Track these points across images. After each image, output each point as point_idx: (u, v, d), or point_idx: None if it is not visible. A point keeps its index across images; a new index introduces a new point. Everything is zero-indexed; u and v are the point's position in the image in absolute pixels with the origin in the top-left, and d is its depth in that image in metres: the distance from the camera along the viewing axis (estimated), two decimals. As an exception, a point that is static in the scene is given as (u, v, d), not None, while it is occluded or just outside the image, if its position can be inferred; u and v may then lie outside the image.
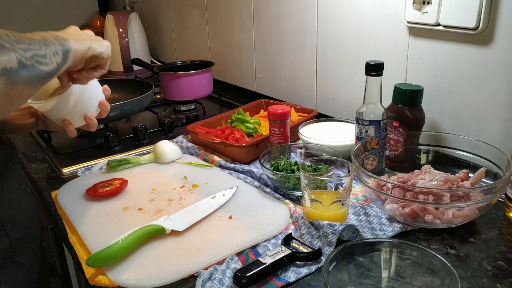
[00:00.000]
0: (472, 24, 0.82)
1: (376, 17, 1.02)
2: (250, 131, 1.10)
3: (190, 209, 0.80)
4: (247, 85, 1.53)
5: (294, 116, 1.16)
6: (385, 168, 0.92)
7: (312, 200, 0.74)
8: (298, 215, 0.75)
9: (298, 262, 0.67)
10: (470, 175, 0.81)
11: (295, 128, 1.05)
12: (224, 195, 0.85)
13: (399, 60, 0.99)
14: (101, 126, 1.27)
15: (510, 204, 0.76)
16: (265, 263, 0.64)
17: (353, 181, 0.79)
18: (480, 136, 0.86)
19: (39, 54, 0.55)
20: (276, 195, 0.85)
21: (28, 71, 0.53)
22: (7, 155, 0.72)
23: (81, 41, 0.64)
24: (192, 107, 1.45)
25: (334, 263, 0.60)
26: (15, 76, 0.51)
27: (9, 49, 0.50)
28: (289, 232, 0.74)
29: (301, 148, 0.97)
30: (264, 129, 1.12)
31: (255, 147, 1.00)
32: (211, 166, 0.99)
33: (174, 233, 0.74)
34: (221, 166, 0.99)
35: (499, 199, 0.75)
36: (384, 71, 0.86)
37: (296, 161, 0.92)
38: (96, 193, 0.86)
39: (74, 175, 0.99)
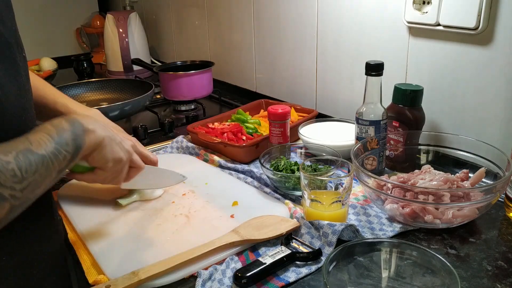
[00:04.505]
0: (472, 24, 0.82)
1: (376, 17, 1.02)
2: (250, 131, 1.10)
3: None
4: (247, 85, 1.53)
5: (294, 116, 1.16)
6: (385, 168, 0.92)
7: (312, 200, 0.74)
8: (298, 215, 0.75)
9: (298, 262, 0.67)
10: (470, 175, 0.81)
11: (295, 128, 1.05)
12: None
13: (399, 60, 0.99)
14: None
15: (510, 204, 0.76)
16: (265, 263, 0.64)
17: (353, 181, 0.79)
18: (480, 136, 0.86)
19: (38, 183, 0.50)
20: (276, 195, 0.85)
21: (15, 212, 0.48)
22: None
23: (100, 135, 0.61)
24: (192, 107, 1.45)
25: (334, 263, 0.60)
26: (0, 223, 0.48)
27: (6, 199, 0.46)
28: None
29: (301, 148, 0.97)
30: (264, 129, 1.12)
31: (255, 147, 1.00)
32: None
33: (175, 232, 0.74)
34: (221, 166, 0.99)
35: (499, 199, 0.75)
36: (384, 71, 0.86)
37: (296, 161, 0.92)
38: None
39: (74, 175, 0.99)
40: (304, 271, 0.65)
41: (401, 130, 0.91)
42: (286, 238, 0.71)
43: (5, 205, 0.46)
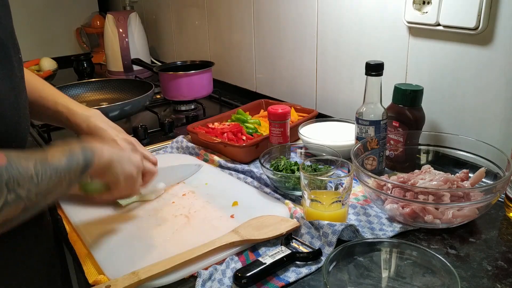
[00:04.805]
0: (472, 24, 0.82)
1: (376, 17, 1.02)
2: (250, 131, 1.10)
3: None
4: (247, 85, 1.53)
5: (294, 116, 1.16)
6: (385, 168, 0.92)
7: (312, 200, 0.74)
8: (298, 215, 0.75)
9: (298, 262, 0.67)
10: (470, 175, 0.81)
11: (295, 128, 1.05)
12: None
13: (399, 60, 0.99)
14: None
15: (510, 204, 0.76)
16: (265, 263, 0.64)
17: (353, 181, 0.79)
18: (480, 136, 0.86)
19: (51, 190, 0.55)
20: (276, 195, 0.85)
21: (26, 213, 0.52)
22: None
23: (109, 154, 0.67)
24: (192, 107, 1.45)
25: (334, 263, 0.60)
26: (10, 223, 0.51)
27: (22, 199, 0.50)
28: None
29: (301, 148, 0.97)
30: (264, 129, 1.12)
31: (255, 147, 1.00)
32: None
33: (175, 232, 0.74)
34: (221, 166, 0.99)
35: (499, 199, 0.75)
36: (384, 71, 0.86)
37: (296, 161, 0.92)
38: None
39: (74, 175, 0.99)
40: (304, 271, 0.65)
41: (401, 130, 0.91)
42: (286, 238, 0.71)
43: (20, 204, 0.50)
